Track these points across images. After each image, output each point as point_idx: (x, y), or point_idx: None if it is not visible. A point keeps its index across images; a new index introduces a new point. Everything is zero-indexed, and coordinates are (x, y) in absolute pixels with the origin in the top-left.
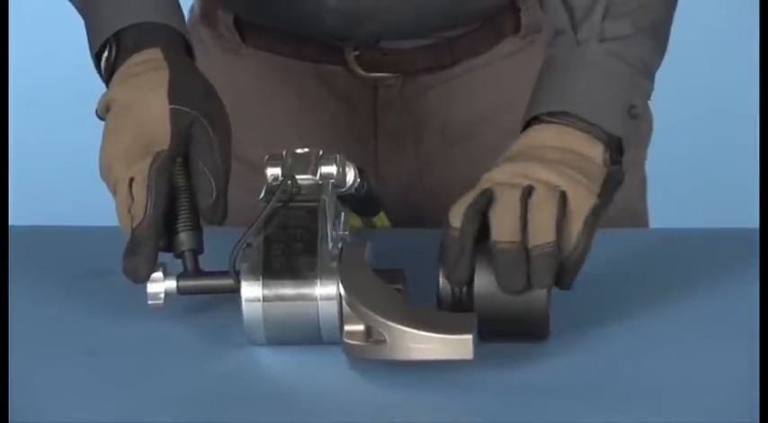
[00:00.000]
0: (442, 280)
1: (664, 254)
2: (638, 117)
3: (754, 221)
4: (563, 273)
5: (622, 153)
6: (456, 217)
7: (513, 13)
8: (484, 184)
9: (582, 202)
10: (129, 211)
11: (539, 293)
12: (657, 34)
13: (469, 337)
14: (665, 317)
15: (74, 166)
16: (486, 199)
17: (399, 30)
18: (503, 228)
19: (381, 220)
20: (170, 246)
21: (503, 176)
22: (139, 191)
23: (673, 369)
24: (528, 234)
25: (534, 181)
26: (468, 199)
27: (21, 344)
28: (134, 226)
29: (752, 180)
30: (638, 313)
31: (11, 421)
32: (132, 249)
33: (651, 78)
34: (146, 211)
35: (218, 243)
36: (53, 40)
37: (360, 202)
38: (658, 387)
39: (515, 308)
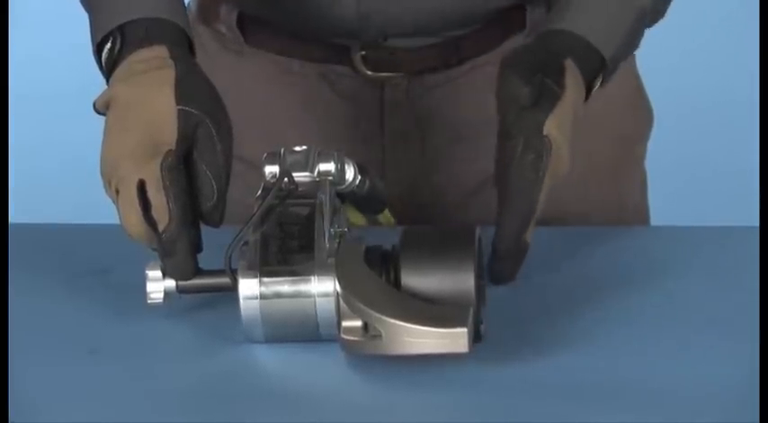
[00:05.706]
0: None
1: (663, 252)
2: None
3: (753, 220)
4: None
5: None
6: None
7: (519, 12)
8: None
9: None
10: (137, 213)
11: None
12: (639, 24)
13: (464, 330)
14: (664, 316)
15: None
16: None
17: (406, 26)
18: None
19: (386, 217)
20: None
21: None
22: (156, 194)
23: (672, 368)
24: None
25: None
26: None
27: (21, 342)
28: (162, 230)
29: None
30: (637, 312)
31: (11, 421)
32: (169, 251)
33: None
34: (169, 211)
35: (215, 241)
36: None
37: (363, 200)
38: (658, 386)
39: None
